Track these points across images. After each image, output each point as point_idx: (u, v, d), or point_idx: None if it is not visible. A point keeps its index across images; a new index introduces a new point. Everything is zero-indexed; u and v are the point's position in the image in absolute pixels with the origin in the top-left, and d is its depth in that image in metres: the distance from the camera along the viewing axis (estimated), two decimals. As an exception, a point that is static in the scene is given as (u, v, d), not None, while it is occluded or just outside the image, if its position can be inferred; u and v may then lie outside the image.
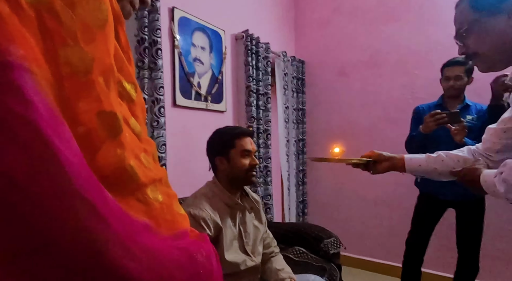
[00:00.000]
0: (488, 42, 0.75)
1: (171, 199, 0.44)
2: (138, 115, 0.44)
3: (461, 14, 0.79)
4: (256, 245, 1.30)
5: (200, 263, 0.39)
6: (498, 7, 0.72)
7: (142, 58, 1.55)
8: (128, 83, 0.42)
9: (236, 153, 1.25)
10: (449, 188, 1.79)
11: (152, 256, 0.33)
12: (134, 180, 0.37)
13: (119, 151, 0.35)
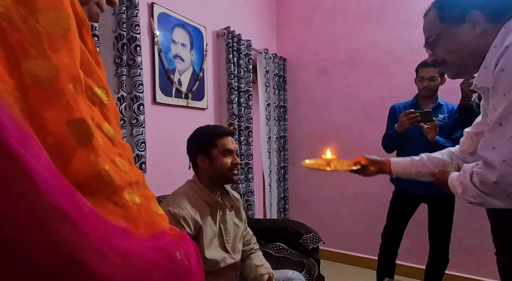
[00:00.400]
0: (455, 50, 0.78)
1: (149, 201, 0.45)
2: (111, 119, 0.45)
3: (429, 24, 0.82)
4: (236, 242, 1.32)
5: (178, 262, 0.40)
6: (463, 17, 0.74)
7: (120, 54, 1.53)
8: (99, 87, 0.42)
9: (218, 152, 1.26)
10: (422, 185, 1.85)
11: (128, 259, 0.34)
12: (109, 184, 0.37)
13: (93, 157, 0.36)
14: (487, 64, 0.70)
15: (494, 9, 0.72)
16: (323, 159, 1.28)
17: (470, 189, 0.72)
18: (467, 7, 0.74)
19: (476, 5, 0.73)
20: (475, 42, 0.74)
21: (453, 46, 0.77)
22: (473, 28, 0.74)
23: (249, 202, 2.44)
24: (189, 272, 0.42)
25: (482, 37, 0.73)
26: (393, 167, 1.17)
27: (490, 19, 0.72)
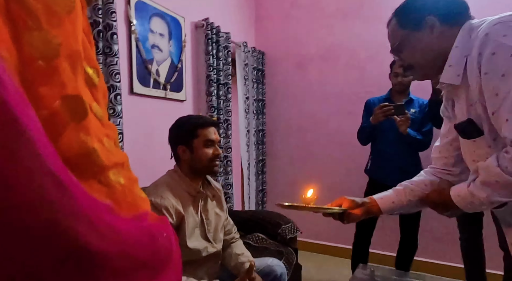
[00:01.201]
0: (419, 54, 0.82)
1: (132, 183, 0.45)
2: (100, 100, 0.44)
3: (392, 32, 0.87)
4: (217, 232, 1.33)
5: (160, 243, 0.41)
6: (420, 22, 0.79)
7: (96, 42, 1.47)
8: (90, 67, 0.42)
9: (199, 143, 1.25)
10: (393, 175, 1.96)
11: (116, 233, 0.34)
12: (97, 163, 0.37)
13: (82, 135, 0.35)
14: (452, 63, 0.75)
15: (446, 13, 0.78)
16: (303, 198, 1.17)
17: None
18: (423, 13, 0.79)
19: (430, 10, 0.78)
20: (435, 44, 0.79)
21: (416, 50, 0.82)
22: (431, 31, 0.79)
23: (228, 195, 2.44)
24: (170, 254, 0.43)
25: (440, 39, 0.78)
26: (381, 204, 1.05)
27: (444, 22, 0.78)
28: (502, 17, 0.68)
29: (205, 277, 1.22)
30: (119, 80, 1.58)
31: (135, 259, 0.37)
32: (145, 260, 0.39)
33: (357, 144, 2.17)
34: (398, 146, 1.96)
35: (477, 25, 0.73)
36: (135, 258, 0.36)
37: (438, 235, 2.43)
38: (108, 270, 0.31)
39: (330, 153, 2.82)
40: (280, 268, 1.37)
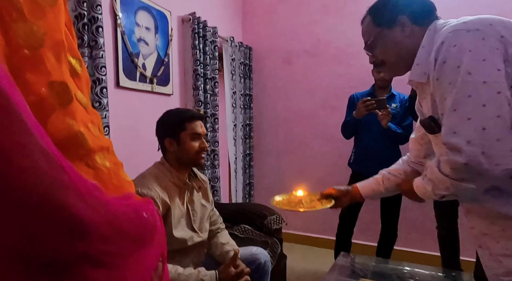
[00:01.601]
0: (391, 51, 0.86)
1: (117, 167, 0.48)
2: (84, 89, 0.47)
3: (366, 29, 0.92)
4: (203, 222, 1.36)
5: (145, 219, 0.44)
6: (393, 21, 0.83)
7: (81, 35, 1.47)
8: (73, 57, 0.44)
9: (186, 136, 1.27)
10: (374, 167, 2.03)
11: (103, 206, 0.37)
12: (83, 146, 0.40)
13: (69, 119, 0.38)
14: (419, 62, 0.80)
15: (417, 13, 0.82)
16: (293, 196, 1.25)
17: (441, 181, 0.74)
18: (395, 12, 0.83)
19: (402, 10, 0.83)
20: (406, 42, 0.83)
21: (388, 47, 0.86)
22: (402, 30, 0.83)
23: (215, 188, 2.48)
24: (154, 230, 0.47)
25: (411, 38, 0.83)
26: (362, 191, 1.19)
27: (414, 22, 0.83)
28: (458, 24, 0.72)
29: (190, 265, 1.26)
30: (105, 73, 1.58)
31: (121, 229, 0.40)
32: (131, 232, 0.42)
33: (342, 138, 2.23)
34: (380, 140, 2.03)
35: (439, 28, 0.78)
36: (121, 229, 0.40)
37: (416, 225, 2.53)
38: (96, 237, 0.34)
39: (315, 146, 2.89)
40: (264, 256, 1.41)
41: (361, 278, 1.28)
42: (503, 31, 0.67)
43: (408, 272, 1.39)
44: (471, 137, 0.64)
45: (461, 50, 0.68)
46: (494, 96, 0.64)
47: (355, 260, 1.55)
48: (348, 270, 1.42)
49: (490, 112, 0.64)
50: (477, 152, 0.64)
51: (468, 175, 0.67)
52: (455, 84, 0.67)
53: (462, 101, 0.66)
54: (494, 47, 0.66)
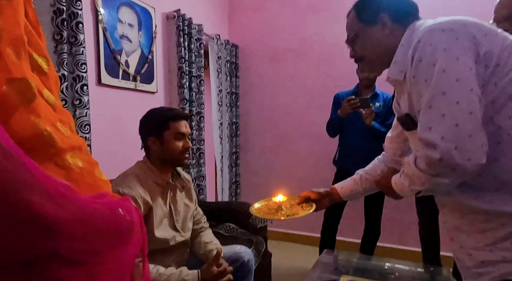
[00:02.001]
0: (370, 48, 0.88)
1: (92, 166, 0.47)
2: (52, 88, 0.46)
3: (350, 23, 0.93)
4: (186, 222, 1.36)
5: (121, 216, 0.44)
6: (375, 19, 0.85)
7: (60, 30, 1.44)
8: (39, 55, 0.43)
9: (170, 135, 1.25)
10: (358, 165, 2.06)
11: (76, 206, 0.37)
12: (52, 145, 0.39)
13: (33, 118, 0.37)
14: (397, 60, 0.82)
15: (398, 13, 0.84)
16: (271, 202, 1.21)
17: (417, 176, 0.75)
18: (378, 10, 0.85)
19: (385, 9, 0.84)
20: (385, 41, 0.85)
21: (368, 44, 0.88)
22: (383, 28, 0.85)
23: (201, 187, 2.47)
24: (131, 227, 0.46)
25: (390, 36, 0.85)
26: (341, 193, 1.19)
27: (395, 21, 0.84)
28: (434, 24, 0.74)
29: (173, 265, 1.25)
30: (86, 71, 1.55)
31: (94, 227, 0.39)
32: (104, 229, 0.41)
33: (327, 136, 2.25)
34: (364, 138, 2.06)
35: (417, 28, 0.80)
36: (93, 226, 0.39)
37: (399, 222, 2.58)
38: (65, 235, 0.34)
39: (301, 145, 2.90)
40: (247, 255, 1.42)
41: (343, 274, 1.30)
42: (476, 32, 0.70)
43: (389, 267, 1.42)
44: (445, 133, 0.66)
45: (436, 49, 0.70)
46: (467, 94, 0.66)
47: (338, 257, 1.57)
48: (331, 267, 1.44)
49: (463, 109, 0.66)
50: (451, 147, 0.65)
51: (443, 170, 0.68)
52: (430, 82, 0.69)
53: (437, 98, 0.68)
54: (467, 47, 0.68)
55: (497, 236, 0.71)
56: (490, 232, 0.72)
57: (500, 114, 0.69)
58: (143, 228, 0.52)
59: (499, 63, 0.69)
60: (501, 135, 0.69)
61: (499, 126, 0.69)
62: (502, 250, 0.70)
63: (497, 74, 0.69)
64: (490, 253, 0.72)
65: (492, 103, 0.69)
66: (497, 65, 0.69)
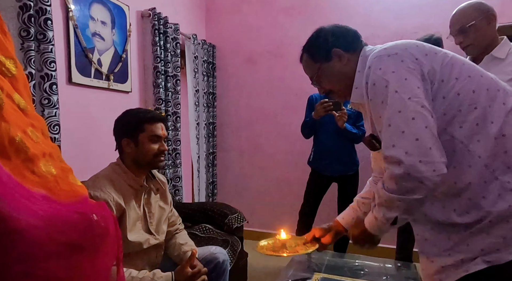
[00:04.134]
0: (335, 81, 0.93)
1: (65, 173, 0.47)
2: (21, 90, 0.45)
3: (307, 65, 0.97)
4: (160, 224, 1.34)
5: (95, 222, 0.44)
6: (329, 55, 0.90)
7: (27, 27, 1.38)
8: (6, 58, 0.42)
9: (145, 137, 1.23)
10: (331, 166, 2.14)
11: (48, 219, 0.36)
12: (24, 151, 0.38)
13: (4, 124, 0.37)
14: (357, 85, 0.88)
15: (347, 43, 0.90)
16: (277, 240, 1.21)
17: (390, 201, 0.76)
18: (329, 47, 0.90)
19: (334, 44, 0.90)
20: (346, 70, 0.90)
21: (332, 78, 0.93)
22: (340, 60, 0.91)
23: (177, 187, 2.44)
24: (106, 232, 0.46)
25: (349, 65, 0.89)
26: (344, 223, 1.16)
27: (348, 50, 0.89)
28: (381, 50, 0.81)
29: (146, 267, 1.24)
30: (55, 69, 1.50)
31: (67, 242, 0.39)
32: (76, 236, 0.41)
33: (302, 137, 2.29)
34: (337, 139, 2.12)
35: (368, 54, 0.86)
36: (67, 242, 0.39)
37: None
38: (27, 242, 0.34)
39: (277, 146, 2.94)
40: (222, 255, 1.42)
41: (315, 272, 1.34)
42: (417, 54, 0.77)
43: (359, 264, 1.47)
44: (408, 148, 0.70)
45: (385, 72, 0.76)
46: (419, 110, 0.72)
47: (311, 255, 1.61)
48: (304, 265, 1.48)
49: (419, 124, 0.71)
50: (415, 161, 0.69)
51: (412, 185, 0.71)
52: (386, 102, 0.75)
53: (394, 117, 0.73)
54: (411, 68, 0.75)
55: (455, 240, 0.76)
56: (451, 236, 0.77)
57: (452, 124, 0.75)
58: (118, 233, 0.52)
59: (443, 79, 0.76)
60: (455, 143, 0.75)
61: (452, 135, 0.75)
62: (459, 252, 0.75)
63: (443, 89, 0.75)
64: (448, 257, 0.77)
65: (444, 115, 0.75)
66: (442, 80, 0.76)
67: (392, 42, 0.82)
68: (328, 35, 0.91)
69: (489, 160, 0.73)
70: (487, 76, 0.79)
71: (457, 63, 0.77)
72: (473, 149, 0.73)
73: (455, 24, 1.44)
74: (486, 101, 0.74)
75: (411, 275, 1.41)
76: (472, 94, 0.75)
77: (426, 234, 0.83)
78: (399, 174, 0.71)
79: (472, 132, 0.74)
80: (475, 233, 0.73)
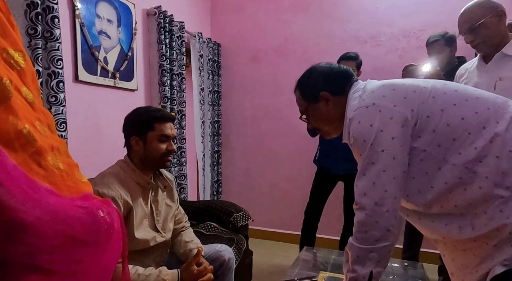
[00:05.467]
0: (320, 121, 0.96)
1: (71, 168, 0.47)
2: (29, 84, 0.44)
3: (298, 100, 1.00)
4: (167, 222, 1.34)
5: (101, 218, 0.43)
6: (317, 97, 0.93)
7: (34, 25, 1.39)
8: (15, 50, 0.42)
9: (154, 136, 1.23)
10: (338, 164, 2.12)
11: (54, 212, 0.36)
12: (32, 143, 0.38)
13: (11, 117, 0.36)
14: (345, 126, 0.89)
15: (335, 88, 0.92)
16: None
17: (363, 254, 0.78)
18: (317, 89, 0.93)
19: (322, 87, 0.92)
20: (332, 113, 0.93)
21: (318, 118, 0.96)
22: (326, 103, 0.93)
23: (182, 186, 2.45)
24: (111, 228, 0.46)
25: (335, 108, 0.92)
26: None
27: (335, 94, 0.92)
28: (360, 101, 0.83)
29: (152, 265, 1.24)
30: (62, 67, 1.51)
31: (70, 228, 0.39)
32: (84, 237, 0.41)
33: (308, 135, 2.28)
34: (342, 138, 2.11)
35: (350, 101, 0.88)
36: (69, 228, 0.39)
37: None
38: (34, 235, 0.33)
39: (282, 144, 2.93)
40: (228, 253, 1.42)
41: (321, 271, 1.33)
42: (395, 100, 0.80)
43: (366, 263, 1.46)
44: (376, 199, 0.77)
45: (364, 126, 0.80)
46: (391, 162, 0.77)
47: (317, 254, 1.60)
48: (310, 264, 1.47)
49: (388, 175, 0.77)
50: (384, 210, 0.76)
51: (379, 233, 0.76)
52: (364, 154, 0.79)
53: (368, 168, 0.79)
54: (388, 117, 0.78)
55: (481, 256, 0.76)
56: (476, 252, 0.77)
57: (450, 153, 0.76)
58: (123, 230, 0.52)
59: (428, 115, 0.78)
60: (459, 169, 0.75)
61: (453, 163, 0.76)
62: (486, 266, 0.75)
63: (431, 123, 0.77)
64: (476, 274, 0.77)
65: (438, 147, 0.77)
66: (427, 116, 0.78)
67: (371, 87, 0.86)
68: (319, 77, 0.94)
69: (498, 178, 0.73)
70: (472, 97, 0.79)
71: (438, 95, 0.79)
72: (479, 171, 0.73)
73: (464, 23, 1.40)
74: (478, 124, 0.75)
75: (418, 275, 1.39)
76: (462, 121, 0.76)
77: (453, 255, 0.85)
78: (367, 222, 0.77)
79: (472, 156, 0.74)
80: (498, 246, 0.73)
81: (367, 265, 0.79)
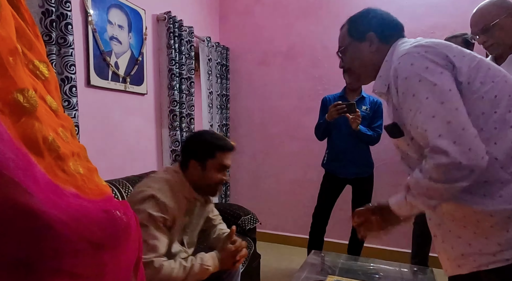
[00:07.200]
0: (357, 62, 0.95)
1: (91, 172, 0.49)
2: (53, 92, 0.47)
3: (342, 36, 0.99)
4: (193, 235, 1.35)
5: (118, 219, 0.45)
6: (364, 36, 0.92)
7: (49, 32, 1.43)
8: (40, 62, 0.44)
9: (214, 165, 1.23)
10: (345, 168, 2.11)
11: (77, 214, 0.38)
12: (55, 150, 0.40)
13: (37, 124, 0.38)
14: (381, 74, 0.89)
15: (384, 33, 0.91)
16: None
17: (434, 190, 0.75)
18: (367, 28, 0.92)
19: (373, 28, 0.91)
20: (371, 57, 0.92)
21: (355, 58, 0.95)
22: (369, 45, 0.92)
23: (190, 188, 2.47)
24: (128, 229, 0.47)
25: (376, 54, 0.91)
26: None
27: (381, 40, 0.91)
28: (411, 47, 0.82)
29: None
30: (75, 72, 1.55)
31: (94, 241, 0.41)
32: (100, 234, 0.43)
33: (316, 139, 2.28)
34: (351, 141, 2.10)
35: (399, 47, 0.87)
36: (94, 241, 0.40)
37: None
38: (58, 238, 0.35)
39: (291, 147, 2.93)
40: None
41: (329, 275, 1.33)
42: (447, 52, 0.78)
43: (374, 268, 1.45)
44: (455, 138, 0.71)
45: (419, 68, 0.77)
46: (460, 101, 0.74)
47: (325, 258, 1.60)
48: (318, 268, 1.47)
49: (463, 114, 0.73)
50: (465, 149, 0.70)
51: (461, 173, 0.71)
52: (423, 96, 0.75)
53: (437, 108, 0.74)
54: (444, 64, 0.77)
55: (478, 232, 0.77)
56: (476, 229, 0.77)
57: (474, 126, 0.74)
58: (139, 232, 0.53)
59: (469, 81, 0.77)
60: None
61: None
62: (479, 243, 0.77)
63: (468, 91, 0.77)
64: (468, 247, 0.79)
65: None
66: (468, 83, 0.77)
67: (422, 39, 0.84)
68: (374, 18, 0.93)
69: (506, 161, 0.74)
70: (511, 82, 0.80)
71: (482, 68, 0.78)
72: (491, 151, 0.74)
73: (477, 23, 1.37)
74: (507, 106, 0.76)
75: (428, 280, 1.38)
76: (494, 99, 0.76)
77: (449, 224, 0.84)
78: (447, 163, 0.71)
79: (490, 135, 0.75)
80: (496, 229, 0.74)
81: (433, 199, 0.77)
